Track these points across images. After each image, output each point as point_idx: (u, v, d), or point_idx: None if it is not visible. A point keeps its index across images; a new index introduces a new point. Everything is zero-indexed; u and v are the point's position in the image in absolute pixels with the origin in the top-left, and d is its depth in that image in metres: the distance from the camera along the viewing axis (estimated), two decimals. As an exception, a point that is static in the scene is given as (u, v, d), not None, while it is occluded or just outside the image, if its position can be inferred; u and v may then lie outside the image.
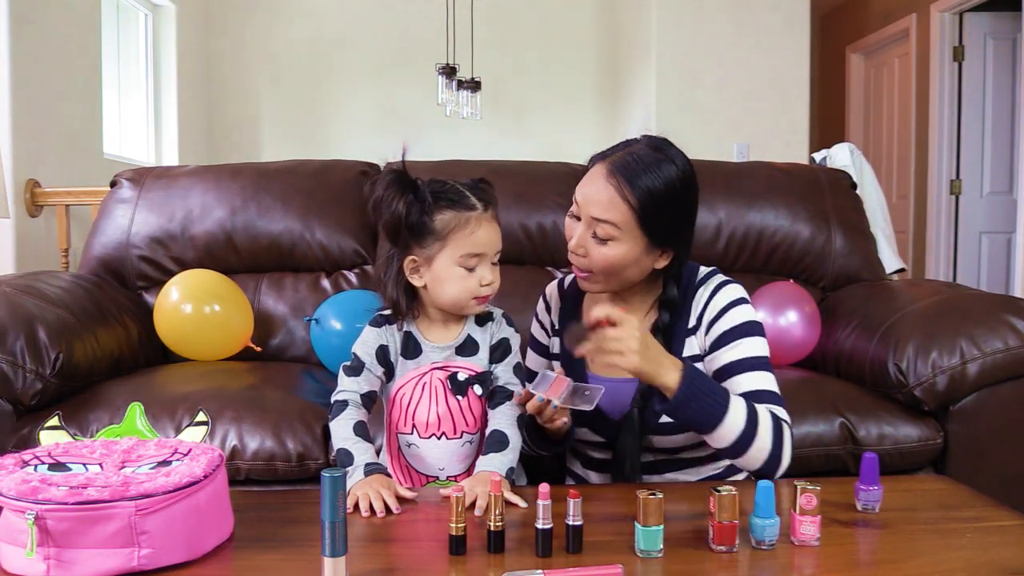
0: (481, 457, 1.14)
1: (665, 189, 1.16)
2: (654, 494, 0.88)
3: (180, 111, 4.67)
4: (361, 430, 1.15)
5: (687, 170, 1.19)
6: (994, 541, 0.94)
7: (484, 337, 1.23)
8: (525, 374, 1.31)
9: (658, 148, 1.19)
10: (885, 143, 5.59)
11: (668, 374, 1.08)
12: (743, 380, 1.18)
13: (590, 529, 0.92)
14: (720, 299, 1.24)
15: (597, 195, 1.17)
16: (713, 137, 4.30)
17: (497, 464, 1.11)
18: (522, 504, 1.03)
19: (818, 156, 3.44)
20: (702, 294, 1.25)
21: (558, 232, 2.21)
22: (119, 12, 4.27)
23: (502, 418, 1.17)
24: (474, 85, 4.64)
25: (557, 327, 1.37)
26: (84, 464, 0.90)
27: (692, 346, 1.25)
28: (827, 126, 6.20)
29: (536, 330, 1.43)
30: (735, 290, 1.25)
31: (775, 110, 4.40)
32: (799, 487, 0.92)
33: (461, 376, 1.20)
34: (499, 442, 1.14)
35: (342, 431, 1.14)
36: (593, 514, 0.97)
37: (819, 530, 0.92)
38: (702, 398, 1.08)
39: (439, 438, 1.20)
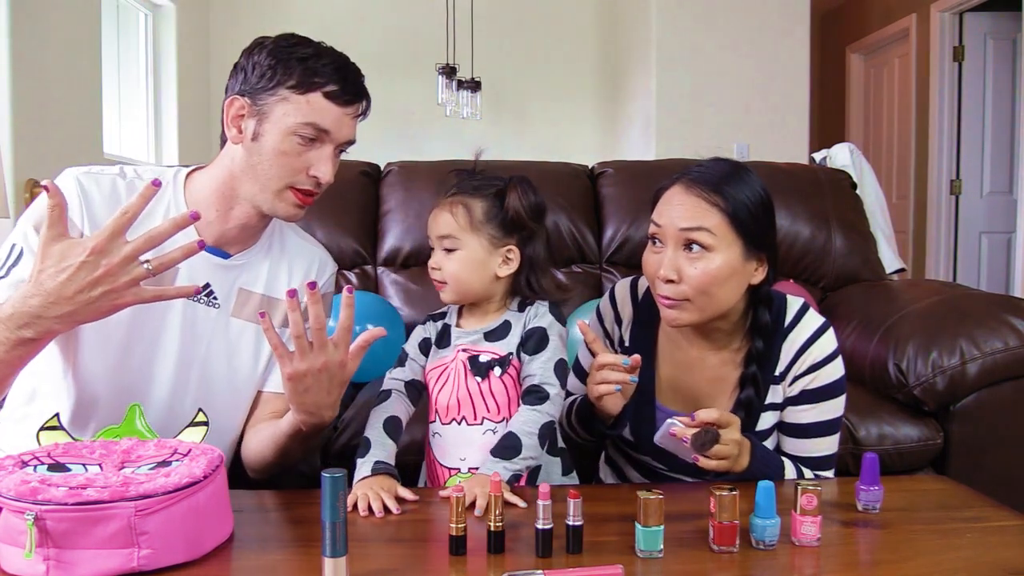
0: (489, 457, 1.10)
1: (750, 191, 1.12)
2: (655, 494, 0.88)
3: (180, 111, 4.67)
4: (391, 426, 1.15)
5: (762, 183, 1.16)
6: (994, 541, 0.94)
7: (519, 323, 1.19)
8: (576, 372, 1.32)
9: (730, 162, 1.16)
10: (885, 143, 5.59)
11: (741, 463, 1.11)
12: (811, 444, 1.20)
13: (590, 529, 0.91)
14: (813, 353, 1.18)
15: (683, 208, 1.12)
16: (713, 137, 4.30)
17: (500, 470, 1.07)
18: (521, 504, 1.03)
19: (818, 156, 3.44)
20: (794, 339, 1.18)
21: (558, 232, 2.21)
22: (119, 12, 4.27)
23: (524, 423, 1.11)
24: (474, 85, 4.64)
25: (628, 344, 1.27)
26: (83, 465, 0.90)
27: (776, 393, 1.20)
28: (827, 126, 6.20)
29: (598, 333, 1.32)
30: (828, 341, 1.18)
31: (775, 110, 4.40)
32: (800, 487, 0.92)
33: (483, 358, 1.18)
34: (510, 448, 1.09)
35: (375, 420, 1.15)
36: (593, 514, 0.97)
37: (819, 530, 0.92)
38: (759, 475, 1.10)
39: (459, 423, 1.18)
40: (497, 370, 1.17)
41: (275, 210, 1.15)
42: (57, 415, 1.07)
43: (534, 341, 1.17)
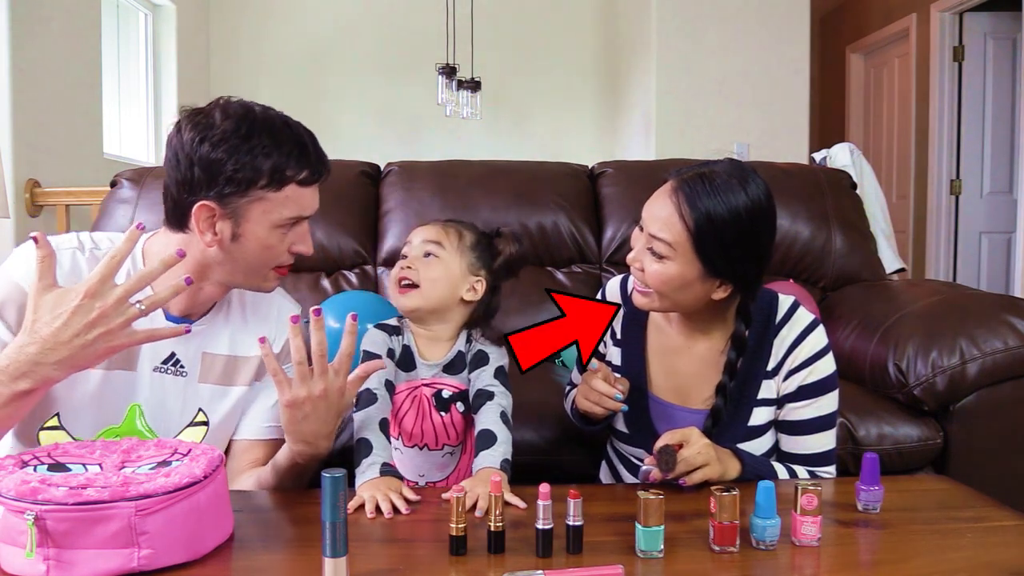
0: (476, 459, 1.15)
1: (727, 216, 1.09)
2: (655, 494, 0.88)
3: (180, 111, 4.67)
4: (385, 427, 1.16)
5: (760, 203, 1.11)
6: (994, 541, 0.94)
7: (468, 355, 1.27)
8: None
9: (734, 173, 1.11)
10: (885, 143, 5.59)
11: (733, 470, 1.14)
12: (808, 441, 1.21)
13: (590, 529, 0.91)
14: (805, 348, 1.19)
15: (658, 211, 1.13)
16: (713, 137, 4.30)
17: (490, 460, 1.12)
18: (521, 505, 1.03)
19: (818, 156, 3.44)
20: (785, 335, 1.20)
21: (558, 232, 2.21)
22: (119, 12, 4.27)
23: (487, 417, 1.19)
24: (474, 85, 4.64)
25: (620, 337, 1.32)
26: (84, 464, 0.90)
27: (769, 389, 1.21)
28: (827, 126, 6.20)
29: None
30: (819, 336, 1.20)
31: (775, 110, 4.39)
32: (800, 487, 0.92)
33: (445, 393, 1.25)
34: (487, 439, 1.15)
35: (367, 422, 1.15)
36: (593, 514, 0.97)
37: (820, 530, 0.92)
38: (754, 478, 1.11)
39: (421, 448, 1.26)
40: (460, 405, 1.25)
41: (259, 288, 1.16)
42: (57, 414, 1.07)
43: (476, 360, 1.26)
